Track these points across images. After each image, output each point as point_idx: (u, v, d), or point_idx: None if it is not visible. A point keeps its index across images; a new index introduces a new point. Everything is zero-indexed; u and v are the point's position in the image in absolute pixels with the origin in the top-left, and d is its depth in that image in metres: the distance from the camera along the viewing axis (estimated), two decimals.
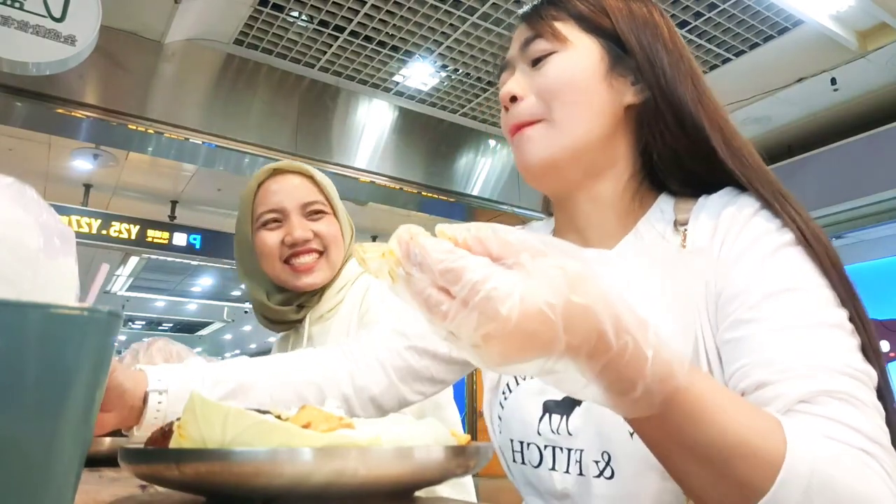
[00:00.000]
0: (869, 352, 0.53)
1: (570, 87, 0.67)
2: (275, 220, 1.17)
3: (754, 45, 3.47)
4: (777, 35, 3.38)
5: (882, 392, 0.52)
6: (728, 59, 3.60)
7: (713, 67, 3.68)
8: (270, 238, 1.16)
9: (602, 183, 0.70)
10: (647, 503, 0.60)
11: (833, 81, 3.63)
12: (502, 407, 0.74)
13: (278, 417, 0.45)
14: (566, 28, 0.69)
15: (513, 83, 0.70)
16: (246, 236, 1.20)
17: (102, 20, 2.74)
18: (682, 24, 3.29)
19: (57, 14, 2.64)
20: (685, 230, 0.65)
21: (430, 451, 0.44)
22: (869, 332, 0.55)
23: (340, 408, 0.51)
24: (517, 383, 0.73)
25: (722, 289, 0.59)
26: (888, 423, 0.49)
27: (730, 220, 0.61)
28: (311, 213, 1.17)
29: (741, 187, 0.64)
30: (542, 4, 0.72)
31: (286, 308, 1.19)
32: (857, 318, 0.55)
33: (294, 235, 1.14)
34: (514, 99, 0.69)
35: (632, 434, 0.60)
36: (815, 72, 3.59)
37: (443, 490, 1.10)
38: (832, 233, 4.15)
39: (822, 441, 0.45)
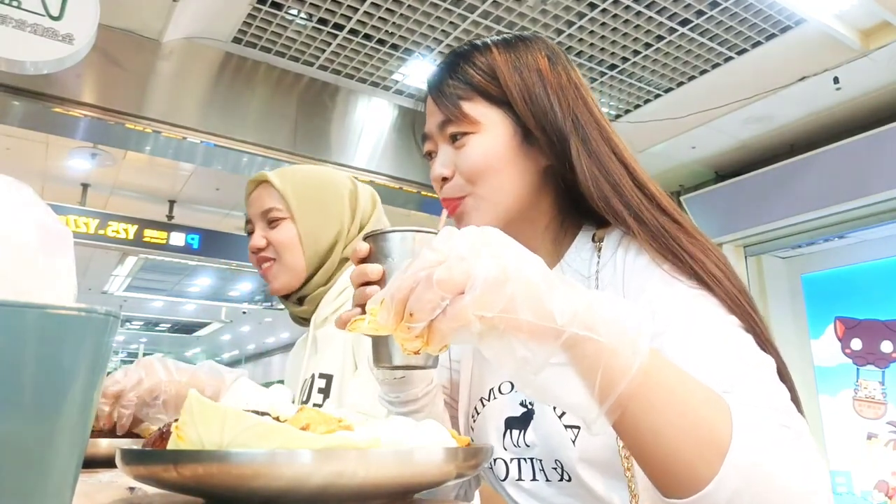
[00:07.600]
0: (764, 344, 0.63)
1: (490, 167, 0.74)
2: (251, 232, 1.23)
3: (756, 44, 3.46)
4: (779, 34, 3.37)
5: (782, 373, 0.62)
6: (730, 58, 3.60)
7: (715, 66, 3.68)
8: (249, 245, 1.24)
9: (534, 228, 0.80)
10: (604, 499, 0.68)
11: (835, 80, 3.61)
12: (472, 430, 0.82)
13: (277, 419, 0.44)
14: (475, 108, 0.75)
15: (439, 167, 0.78)
16: None
17: (100, 19, 2.74)
18: (685, 22, 3.29)
19: (55, 12, 2.63)
20: (600, 245, 0.76)
21: (429, 452, 0.44)
22: (761, 328, 0.64)
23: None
24: (483, 405, 0.80)
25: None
26: (792, 398, 0.59)
27: (626, 246, 0.72)
28: (270, 221, 1.20)
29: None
30: (444, 77, 0.78)
31: (287, 302, 1.24)
32: (753, 318, 0.64)
33: (251, 244, 1.21)
34: (444, 179, 0.78)
35: (574, 441, 0.69)
36: (818, 70, 3.58)
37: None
38: (834, 232, 4.15)
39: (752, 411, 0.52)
